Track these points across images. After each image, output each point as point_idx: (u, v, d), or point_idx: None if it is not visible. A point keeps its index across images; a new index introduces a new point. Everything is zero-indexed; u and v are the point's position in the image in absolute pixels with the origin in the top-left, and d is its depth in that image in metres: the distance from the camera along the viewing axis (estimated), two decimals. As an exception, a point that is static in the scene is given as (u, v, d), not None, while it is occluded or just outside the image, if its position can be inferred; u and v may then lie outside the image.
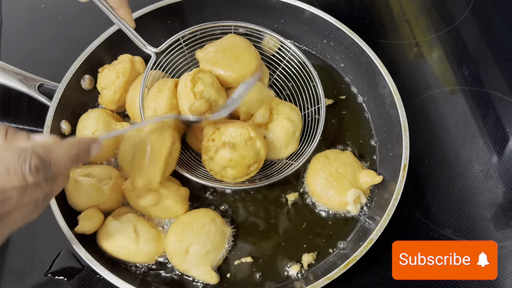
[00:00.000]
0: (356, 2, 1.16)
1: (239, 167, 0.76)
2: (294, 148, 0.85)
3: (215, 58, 0.84)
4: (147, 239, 0.76)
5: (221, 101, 0.80)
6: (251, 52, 0.86)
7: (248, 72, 0.83)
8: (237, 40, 0.87)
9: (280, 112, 0.83)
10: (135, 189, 0.75)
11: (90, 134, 0.85)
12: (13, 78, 0.88)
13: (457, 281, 0.79)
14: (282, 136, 0.82)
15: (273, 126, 0.82)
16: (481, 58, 1.05)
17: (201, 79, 0.79)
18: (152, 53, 0.85)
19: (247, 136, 0.76)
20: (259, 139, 0.77)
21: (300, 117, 0.86)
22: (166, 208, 0.78)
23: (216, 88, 0.80)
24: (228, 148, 0.74)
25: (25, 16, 1.11)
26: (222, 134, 0.76)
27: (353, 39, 0.91)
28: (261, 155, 0.78)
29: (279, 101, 0.85)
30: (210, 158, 0.77)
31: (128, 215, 0.78)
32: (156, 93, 0.81)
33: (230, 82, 0.84)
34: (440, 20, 1.12)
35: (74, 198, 0.79)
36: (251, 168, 0.78)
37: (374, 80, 0.90)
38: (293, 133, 0.83)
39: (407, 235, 0.84)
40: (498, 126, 0.96)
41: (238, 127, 0.76)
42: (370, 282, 0.80)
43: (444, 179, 0.90)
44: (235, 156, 0.75)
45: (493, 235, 0.84)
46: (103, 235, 0.76)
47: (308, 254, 0.79)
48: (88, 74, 0.91)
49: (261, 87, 0.87)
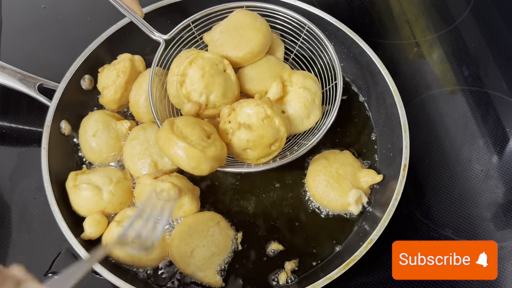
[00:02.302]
0: (356, 2, 1.16)
1: (259, 147, 0.74)
2: (317, 117, 0.81)
3: (220, 40, 0.81)
4: None
5: (216, 91, 0.76)
6: (256, 25, 0.82)
7: (254, 48, 0.80)
8: (241, 16, 0.83)
9: (294, 83, 0.80)
10: None
11: (91, 136, 0.85)
12: (13, 78, 0.88)
13: (457, 281, 0.79)
14: (301, 107, 0.79)
15: (289, 98, 0.79)
16: (481, 58, 1.05)
17: (188, 76, 0.76)
18: (161, 40, 0.84)
19: (264, 115, 0.73)
20: (277, 116, 0.74)
21: (317, 83, 0.82)
22: (181, 205, 0.78)
23: (206, 80, 0.75)
24: (244, 129, 0.72)
25: (25, 16, 1.11)
26: (238, 115, 0.73)
27: (353, 39, 0.91)
28: (282, 132, 0.75)
29: (291, 72, 0.81)
30: (229, 141, 0.75)
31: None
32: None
33: (239, 62, 0.82)
34: (440, 20, 1.12)
35: (76, 205, 0.80)
36: (273, 148, 0.76)
37: (374, 80, 0.90)
38: (312, 101, 0.80)
39: (407, 235, 0.84)
40: (498, 126, 0.96)
41: (253, 106, 0.73)
42: (370, 282, 0.79)
43: (444, 179, 0.90)
44: (253, 137, 0.73)
45: (493, 235, 0.84)
46: (107, 239, 0.77)
47: (290, 262, 0.78)
48: (88, 74, 0.91)
49: (274, 62, 0.84)
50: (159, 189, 0.73)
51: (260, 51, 0.82)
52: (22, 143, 0.93)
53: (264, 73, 0.82)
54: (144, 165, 0.83)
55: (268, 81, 0.82)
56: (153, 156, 0.83)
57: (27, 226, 0.84)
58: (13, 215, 0.85)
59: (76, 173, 0.82)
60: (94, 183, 0.80)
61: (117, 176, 0.82)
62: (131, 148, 0.84)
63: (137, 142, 0.84)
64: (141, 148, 0.83)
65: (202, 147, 0.69)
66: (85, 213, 0.80)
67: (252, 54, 0.81)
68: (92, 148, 0.85)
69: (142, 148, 0.83)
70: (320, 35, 0.86)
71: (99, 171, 0.83)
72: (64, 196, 0.80)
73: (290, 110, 0.79)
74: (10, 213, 0.85)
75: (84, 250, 0.72)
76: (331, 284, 0.70)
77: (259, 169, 0.77)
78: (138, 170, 0.83)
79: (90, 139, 0.85)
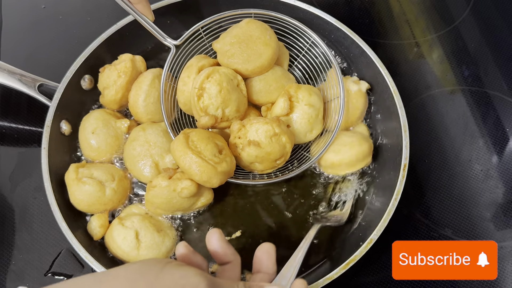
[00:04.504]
0: (356, 2, 1.16)
1: (266, 162, 0.80)
2: (319, 130, 0.86)
3: (231, 52, 0.82)
4: (148, 245, 0.76)
5: (230, 106, 0.80)
6: (265, 40, 0.84)
7: (264, 63, 0.83)
8: (252, 27, 0.85)
9: (300, 99, 0.83)
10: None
11: (90, 133, 0.85)
12: (13, 78, 0.88)
13: (457, 281, 0.79)
14: (305, 122, 0.83)
15: (294, 114, 0.83)
16: (481, 58, 1.05)
17: (206, 90, 0.78)
18: (172, 46, 0.85)
19: (272, 133, 0.77)
20: (284, 134, 0.78)
21: (321, 98, 0.86)
22: (199, 198, 0.79)
23: (224, 96, 0.79)
24: (254, 146, 0.77)
25: (25, 16, 1.11)
26: (248, 132, 0.78)
27: (353, 39, 0.91)
28: (287, 148, 0.80)
29: (297, 87, 0.84)
30: (238, 155, 0.79)
31: (133, 219, 0.78)
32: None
33: (247, 74, 0.84)
34: (440, 20, 1.12)
35: (76, 199, 0.79)
36: (278, 162, 0.81)
37: (374, 80, 0.90)
38: (316, 116, 0.84)
39: (407, 235, 0.84)
40: (498, 126, 0.96)
41: (262, 124, 0.77)
42: (370, 282, 0.80)
43: (444, 179, 0.90)
44: (261, 153, 0.78)
45: (493, 235, 0.84)
46: (108, 237, 0.77)
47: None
48: (88, 74, 0.91)
49: (280, 74, 0.87)
50: (180, 187, 0.75)
51: (269, 65, 0.84)
52: (22, 143, 0.93)
53: (271, 85, 0.85)
54: (146, 166, 0.82)
55: (274, 93, 0.85)
56: (154, 157, 0.83)
57: (27, 226, 0.84)
58: (13, 215, 0.85)
59: (78, 165, 0.81)
60: (97, 178, 0.80)
61: (119, 174, 0.83)
62: (131, 149, 0.84)
63: (138, 143, 0.84)
64: (141, 149, 0.83)
65: (214, 162, 0.74)
66: (84, 207, 0.80)
67: (261, 68, 0.83)
68: (91, 146, 0.85)
69: (142, 149, 0.83)
70: (325, 49, 0.88)
71: (101, 167, 0.83)
72: (64, 197, 0.80)
73: (295, 125, 0.84)
74: (10, 213, 0.85)
75: (84, 250, 0.72)
76: (331, 284, 0.70)
77: (265, 182, 0.83)
78: (140, 171, 0.83)
79: (89, 136, 0.85)
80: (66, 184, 0.81)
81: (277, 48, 0.85)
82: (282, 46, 0.92)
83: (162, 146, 0.83)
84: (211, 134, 0.79)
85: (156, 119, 0.88)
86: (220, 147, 0.78)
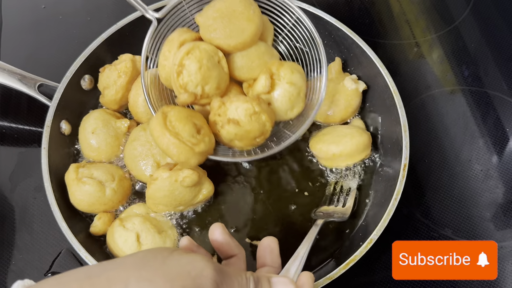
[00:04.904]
0: (356, 2, 1.16)
1: (246, 140, 0.79)
2: (300, 109, 0.85)
3: (213, 26, 0.81)
4: (149, 248, 0.76)
5: (211, 83, 0.78)
6: (249, 15, 0.82)
7: (246, 39, 0.81)
8: (235, 1, 0.82)
9: (281, 77, 0.82)
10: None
11: (90, 133, 0.85)
12: (13, 78, 0.88)
13: (457, 281, 0.79)
14: (286, 100, 0.82)
15: (276, 92, 0.82)
16: (481, 58, 1.05)
17: (186, 67, 0.77)
18: (154, 19, 0.82)
19: (252, 111, 0.77)
20: (264, 113, 0.78)
21: (303, 76, 0.85)
22: (200, 190, 0.80)
23: (203, 73, 0.77)
24: (233, 124, 0.77)
25: (25, 16, 1.11)
26: (228, 109, 0.77)
27: (353, 39, 0.91)
28: (267, 127, 0.79)
29: (279, 64, 0.83)
30: (217, 132, 0.79)
31: (134, 220, 0.78)
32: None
33: (229, 50, 0.82)
34: (440, 20, 1.12)
35: (76, 199, 0.79)
36: (257, 140, 0.81)
37: (374, 80, 0.90)
38: (298, 94, 0.83)
39: (407, 235, 0.84)
40: (498, 126, 0.96)
41: (242, 102, 0.77)
42: (370, 282, 0.80)
43: (444, 179, 0.90)
44: (241, 131, 0.77)
45: (493, 235, 0.84)
46: (110, 239, 0.77)
47: None
48: (88, 74, 0.91)
49: (264, 50, 0.85)
50: (181, 176, 0.75)
51: (252, 41, 0.83)
52: (22, 143, 0.93)
53: (253, 61, 0.83)
54: (147, 166, 0.82)
55: (256, 70, 0.84)
56: (156, 157, 0.83)
57: (27, 226, 0.84)
58: (13, 215, 0.85)
59: (78, 165, 0.81)
60: (97, 178, 0.80)
61: (119, 174, 0.83)
62: (132, 149, 0.84)
63: (139, 143, 0.84)
64: (142, 149, 0.83)
65: (192, 144, 0.73)
66: (84, 207, 0.80)
67: (243, 44, 0.82)
68: (91, 146, 0.85)
69: (144, 149, 0.83)
70: (309, 25, 0.85)
71: (101, 167, 0.83)
72: (64, 196, 0.80)
73: (276, 103, 0.83)
74: (10, 213, 0.85)
75: (84, 250, 0.72)
76: (331, 284, 0.70)
77: (244, 160, 0.84)
78: (141, 171, 0.83)
79: (89, 136, 0.85)
80: (66, 184, 0.81)
81: (260, 24, 0.83)
82: (267, 21, 0.89)
83: (163, 146, 0.83)
84: (189, 113, 0.78)
85: (156, 119, 0.88)
86: (199, 126, 0.77)
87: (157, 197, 0.78)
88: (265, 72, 0.82)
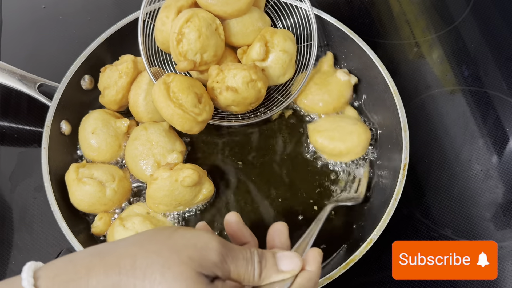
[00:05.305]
0: (356, 2, 1.16)
1: (242, 105, 0.86)
2: (291, 74, 0.91)
3: None
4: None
5: (209, 51, 0.82)
6: None
7: (242, 6, 0.84)
8: None
9: (275, 44, 0.86)
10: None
11: (90, 133, 0.85)
12: (13, 78, 0.88)
13: (457, 281, 0.79)
14: (279, 67, 0.87)
15: (269, 59, 0.87)
16: (481, 58, 1.05)
17: (185, 36, 0.79)
18: None
19: (249, 79, 0.81)
20: (260, 80, 0.83)
21: (295, 43, 0.90)
22: (200, 190, 0.80)
23: (202, 41, 0.80)
24: (231, 91, 0.82)
25: (25, 16, 1.11)
26: (226, 77, 0.82)
27: (353, 39, 0.91)
28: (262, 93, 0.85)
29: (273, 32, 0.87)
30: (215, 97, 0.84)
31: (134, 220, 0.77)
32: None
33: (225, 17, 0.85)
34: (440, 20, 1.12)
35: (77, 199, 0.79)
36: (252, 105, 0.87)
37: (374, 80, 0.90)
38: (289, 61, 0.88)
39: (407, 235, 0.84)
40: (498, 126, 0.96)
41: (240, 70, 0.81)
42: (370, 282, 0.80)
43: (444, 179, 0.90)
44: (238, 98, 0.83)
45: (493, 235, 0.84)
46: (110, 238, 0.78)
47: None
48: (88, 74, 0.91)
49: (257, 17, 0.88)
50: (182, 176, 0.76)
51: (247, 8, 0.86)
52: (22, 143, 0.93)
53: (248, 28, 0.87)
54: (147, 165, 0.82)
55: (251, 36, 0.88)
56: (156, 157, 0.83)
57: (27, 226, 0.84)
58: (13, 215, 0.85)
59: (78, 165, 0.81)
60: (97, 178, 0.80)
61: (119, 174, 0.83)
62: (133, 148, 0.84)
63: (139, 143, 0.84)
64: (143, 148, 0.83)
65: (195, 114, 0.79)
66: (84, 207, 0.80)
67: (239, 11, 0.85)
68: (91, 146, 0.85)
69: (144, 148, 0.83)
70: None
71: (101, 167, 0.83)
72: (64, 196, 0.80)
73: (269, 70, 0.88)
74: (10, 213, 0.85)
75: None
76: (331, 284, 0.70)
77: (239, 124, 0.91)
78: (141, 171, 0.83)
79: (89, 136, 0.85)
80: (66, 184, 0.81)
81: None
82: None
83: (164, 145, 0.83)
84: (191, 82, 0.82)
85: (157, 118, 0.88)
86: (199, 95, 0.81)
87: (157, 197, 0.78)
88: (260, 40, 0.86)
